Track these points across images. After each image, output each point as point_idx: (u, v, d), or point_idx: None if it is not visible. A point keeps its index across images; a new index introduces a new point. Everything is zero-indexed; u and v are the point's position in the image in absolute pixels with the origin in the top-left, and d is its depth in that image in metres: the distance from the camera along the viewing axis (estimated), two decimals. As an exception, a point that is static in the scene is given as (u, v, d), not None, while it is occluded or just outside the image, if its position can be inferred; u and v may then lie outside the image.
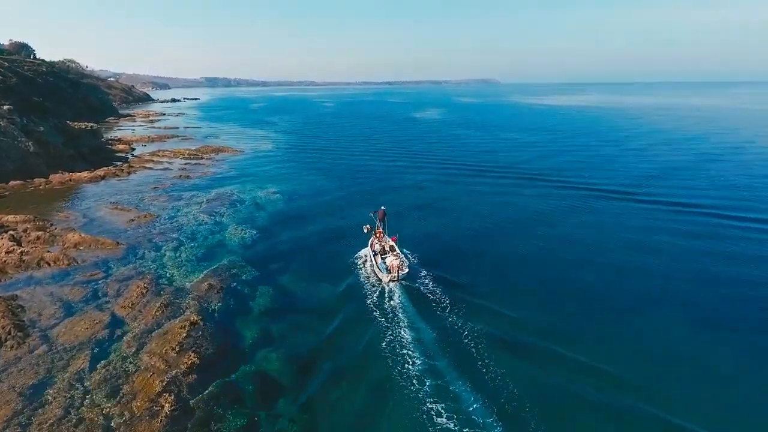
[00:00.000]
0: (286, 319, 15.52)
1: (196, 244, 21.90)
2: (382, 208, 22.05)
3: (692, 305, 16.49)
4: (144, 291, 16.99)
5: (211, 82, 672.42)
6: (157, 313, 15.34)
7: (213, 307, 15.98)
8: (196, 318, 14.89)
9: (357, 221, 23.15)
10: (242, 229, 24.04)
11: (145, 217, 26.41)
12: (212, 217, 26.32)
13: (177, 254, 20.76)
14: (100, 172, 38.99)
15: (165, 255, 20.64)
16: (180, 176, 38.20)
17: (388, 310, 15.82)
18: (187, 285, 17.64)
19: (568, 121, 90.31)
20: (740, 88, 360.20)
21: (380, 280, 17.72)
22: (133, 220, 25.89)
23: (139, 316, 15.35)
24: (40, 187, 34.57)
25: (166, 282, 17.96)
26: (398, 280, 17.15)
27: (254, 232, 23.74)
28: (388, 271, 17.52)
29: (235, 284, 17.75)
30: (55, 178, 36.55)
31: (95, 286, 17.53)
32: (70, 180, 36.28)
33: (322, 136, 69.54)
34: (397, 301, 16.30)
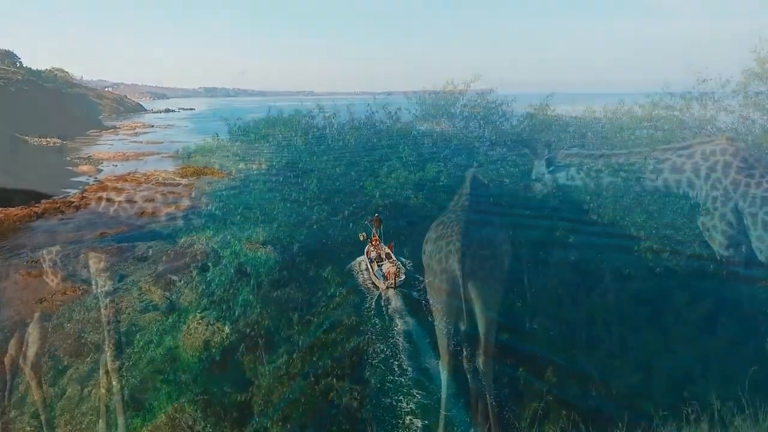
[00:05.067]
0: None
1: (122, 366, 12.84)
2: (377, 215, 22.17)
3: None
4: None
5: (211, 92, 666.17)
6: None
7: None
8: None
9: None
10: (208, 326, 14.96)
11: (64, 293, 17.38)
12: (166, 294, 17.29)
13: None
14: (38, 206, 29.86)
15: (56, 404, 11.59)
16: (143, 213, 29.16)
17: (385, 316, 15.84)
18: None
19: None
20: None
21: (377, 287, 17.89)
22: (44, 300, 16.88)
23: None
24: (-52, 231, 25.57)
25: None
26: (395, 286, 17.24)
27: (227, 331, 14.68)
28: (385, 278, 17.43)
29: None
30: (-25, 217, 27.55)
31: None
32: (-6, 220, 27.28)
33: (323, 153, 60.53)
34: (394, 307, 16.44)
